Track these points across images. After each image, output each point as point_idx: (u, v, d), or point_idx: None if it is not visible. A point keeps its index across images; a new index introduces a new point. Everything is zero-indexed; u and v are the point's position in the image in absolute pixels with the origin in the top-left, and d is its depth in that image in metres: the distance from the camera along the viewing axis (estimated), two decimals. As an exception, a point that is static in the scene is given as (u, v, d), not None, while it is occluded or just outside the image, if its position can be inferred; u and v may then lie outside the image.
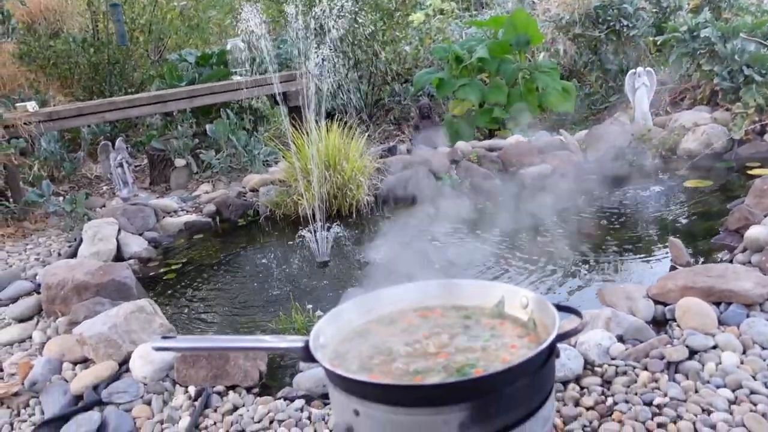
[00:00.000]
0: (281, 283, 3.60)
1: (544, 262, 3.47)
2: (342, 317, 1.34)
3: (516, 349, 1.18)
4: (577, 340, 2.34)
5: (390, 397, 1.05)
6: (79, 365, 2.71)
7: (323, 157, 4.51)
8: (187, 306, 3.45)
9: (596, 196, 4.53)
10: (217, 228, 4.80)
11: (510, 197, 4.79)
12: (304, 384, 2.39)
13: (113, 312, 2.76)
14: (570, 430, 1.96)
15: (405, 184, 5.00)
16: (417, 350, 1.22)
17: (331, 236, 4.01)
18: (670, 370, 2.18)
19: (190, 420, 2.25)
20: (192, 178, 5.97)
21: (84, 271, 3.25)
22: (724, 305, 2.48)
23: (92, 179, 6.51)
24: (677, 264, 3.04)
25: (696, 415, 1.93)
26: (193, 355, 2.48)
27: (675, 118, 5.39)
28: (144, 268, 4.07)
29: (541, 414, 1.12)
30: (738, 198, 3.85)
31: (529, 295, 1.29)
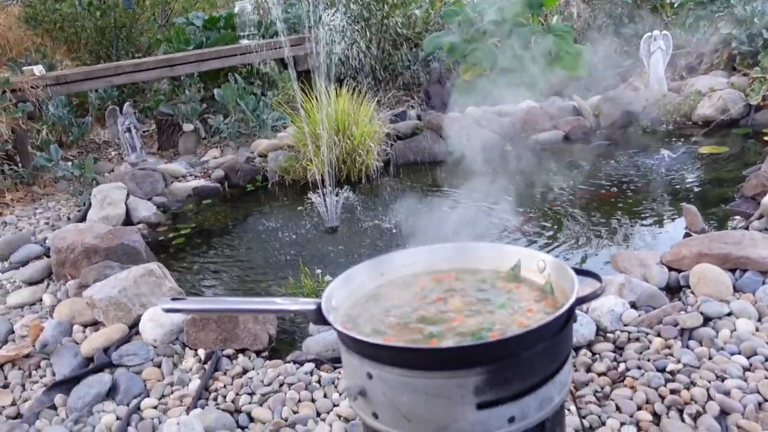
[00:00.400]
0: (290, 248, 3.59)
1: (556, 228, 3.43)
2: (354, 280, 1.31)
3: (533, 313, 1.16)
4: (590, 306, 2.32)
5: (404, 360, 1.02)
6: (89, 328, 2.72)
7: (333, 122, 4.46)
8: (196, 271, 3.45)
9: (609, 162, 4.47)
10: (225, 193, 4.78)
11: (521, 163, 4.74)
12: (314, 348, 2.38)
13: (123, 275, 2.75)
14: (581, 396, 1.94)
15: (415, 150, 4.96)
16: (431, 314, 1.19)
17: (341, 202, 3.98)
18: (684, 337, 2.16)
19: (201, 382, 2.26)
20: (200, 144, 5.93)
21: (93, 234, 3.25)
22: (739, 272, 2.45)
23: (100, 144, 6.48)
24: (692, 231, 2.99)
25: (710, 382, 1.91)
26: (203, 319, 2.48)
27: (690, 83, 5.29)
28: (153, 233, 4.07)
29: (558, 379, 1.10)
30: (754, 164, 3.78)
31: (546, 259, 1.25)
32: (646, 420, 1.82)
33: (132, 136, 5.34)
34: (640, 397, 1.90)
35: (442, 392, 1.03)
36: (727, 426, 1.74)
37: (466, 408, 1.03)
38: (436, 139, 5.02)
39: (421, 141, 5.01)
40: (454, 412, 1.03)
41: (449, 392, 1.02)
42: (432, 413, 1.04)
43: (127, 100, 5.93)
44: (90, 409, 2.21)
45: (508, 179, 4.39)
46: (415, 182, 4.60)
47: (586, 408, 1.89)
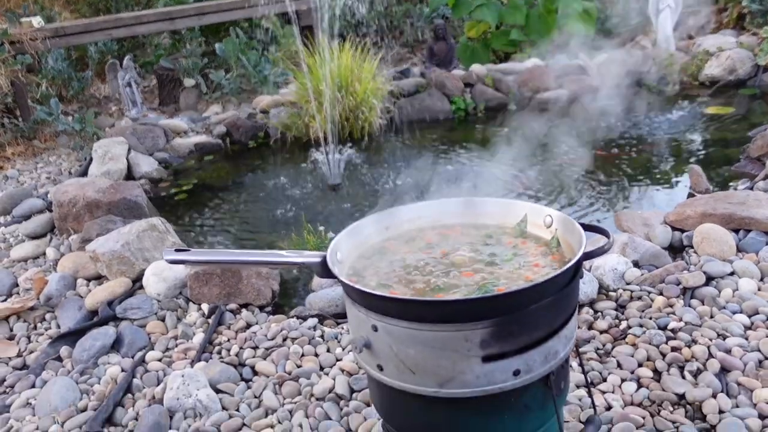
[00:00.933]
0: (293, 205, 3.58)
1: (560, 188, 3.42)
2: (359, 234, 1.31)
3: (539, 268, 1.15)
4: (592, 265, 2.33)
5: (411, 313, 1.02)
6: (92, 281, 2.73)
7: (335, 78, 4.41)
8: (199, 226, 3.45)
9: (614, 122, 4.43)
10: (227, 149, 4.75)
11: (525, 122, 4.70)
12: (317, 304, 2.40)
13: (125, 230, 2.75)
14: (583, 353, 1.96)
15: (418, 108, 4.91)
16: (437, 268, 1.19)
17: (343, 159, 3.96)
18: (686, 296, 2.16)
19: (204, 336, 2.27)
20: (201, 99, 5.87)
21: (95, 189, 3.24)
22: (743, 232, 2.45)
23: (101, 99, 6.42)
24: (696, 191, 2.98)
25: (711, 340, 1.92)
26: (206, 274, 2.48)
27: (699, 43, 5.21)
28: (155, 189, 4.05)
29: (564, 333, 1.10)
30: (760, 125, 3.75)
31: (553, 214, 1.25)
32: (647, 376, 1.83)
33: (132, 91, 5.29)
34: (641, 354, 1.91)
35: (448, 345, 1.03)
36: (727, 383, 1.76)
37: (472, 361, 1.03)
38: (439, 97, 4.97)
39: (424, 99, 4.96)
40: (459, 364, 1.04)
41: (455, 345, 1.03)
42: (437, 366, 1.05)
43: (127, 55, 5.85)
44: (95, 360, 2.23)
45: (511, 138, 4.36)
46: (418, 140, 4.57)
47: (588, 364, 1.91)
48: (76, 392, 2.07)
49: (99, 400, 2.02)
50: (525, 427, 1.14)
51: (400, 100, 4.92)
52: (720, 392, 1.72)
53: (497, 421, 1.11)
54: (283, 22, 6.75)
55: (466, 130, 4.68)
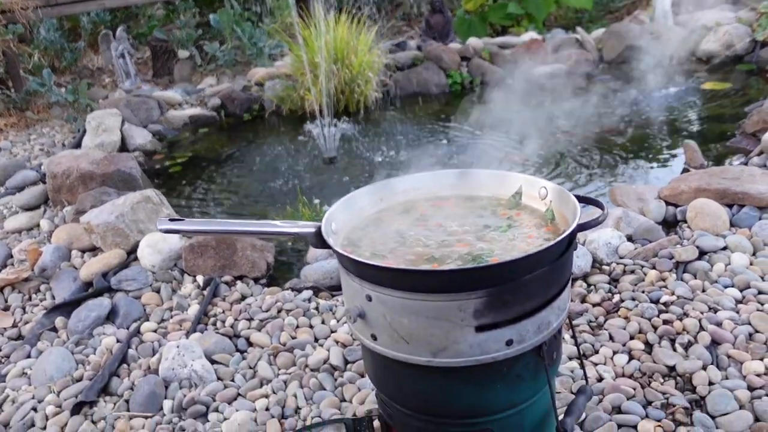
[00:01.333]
0: (287, 178, 3.57)
1: (555, 162, 3.42)
2: (354, 205, 1.31)
3: (533, 239, 1.16)
4: (587, 239, 2.33)
5: (405, 283, 1.03)
6: (87, 253, 2.73)
7: (331, 50, 4.37)
8: (193, 199, 3.44)
9: (611, 96, 4.42)
10: (222, 122, 4.72)
11: (521, 96, 4.67)
12: (312, 276, 2.40)
13: (120, 201, 2.74)
14: (576, 325, 1.98)
15: (414, 81, 4.88)
16: (431, 239, 1.19)
17: (339, 132, 3.94)
18: (679, 270, 2.18)
19: (200, 308, 2.28)
20: (196, 71, 5.82)
21: (89, 160, 3.22)
22: (736, 207, 2.45)
23: (94, 70, 6.36)
24: (691, 166, 2.98)
25: (702, 313, 1.94)
26: (201, 246, 2.48)
27: (697, 18, 5.17)
28: (149, 161, 4.04)
29: (557, 304, 1.11)
30: (756, 101, 3.74)
31: (548, 186, 1.25)
32: (638, 349, 1.85)
33: (126, 63, 5.24)
34: (633, 327, 1.93)
35: (442, 315, 1.03)
36: (717, 355, 1.78)
37: (465, 330, 1.04)
38: (436, 71, 4.94)
39: (420, 72, 4.93)
40: (453, 334, 1.05)
41: (449, 315, 1.03)
42: (431, 335, 1.05)
43: (120, 25, 5.78)
44: (90, 331, 2.24)
45: (507, 112, 4.34)
46: (414, 113, 4.55)
47: (581, 337, 1.92)
48: (72, 362, 2.08)
49: (94, 370, 2.03)
50: (517, 396, 1.15)
51: (396, 73, 4.89)
52: (710, 364, 1.74)
53: (490, 391, 1.12)
54: (278, -7, 6.67)
55: (463, 104, 4.66)
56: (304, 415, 1.76)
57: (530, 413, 1.19)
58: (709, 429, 1.54)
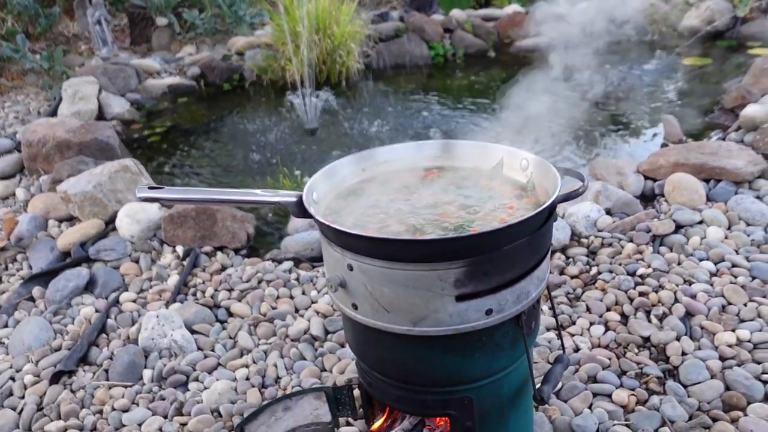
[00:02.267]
0: (268, 149, 3.54)
1: (535, 136, 3.42)
2: (336, 174, 1.30)
3: (514, 210, 1.16)
4: (566, 212, 2.35)
5: (386, 252, 1.03)
6: (64, 223, 2.70)
7: (313, 20, 4.31)
8: (172, 169, 3.41)
9: (593, 71, 4.41)
10: (201, 91, 4.66)
11: (503, 69, 4.67)
12: (293, 247, 2.40)
13: (97, 171, 2.71)
14: (554, 296, 2.00)
15: (396, 52, 4.84)
16: (413, 208, 1.19)
17: (320, 103, 3.91)
18: (655, 243, 2.21)
19: (179, 278, 2.27)
20: (175, 39, 5.71)
21: (65, 129, 3.17)
22: (713, 182, 2.49)
23: (69, 37, 6.22)
24: (670, 141, 3.01)
25: (677, 285, 1.97)
26: (181, 216, 2.47)
27: (680, -8, 5.17)
28: (127, 130, 3.98)
29: (536, 274, 1.12)
30: (736, 77, 3.77)
31: (529, 157, 1.25)
32: (615, 320, 1.88)
33: (103, 29, 5.13)
34: (610, 299, 1.96)
35: (423, 284, 1.04)
36: (690, 326, 1.81)
37: (446, 300, 1.05)
38: (418, 42, 4.90)
39: (403, 43, 4.89)
40: (433, 303, 1.05)
41: (429, 284, 1.04)
42: (411, 304, 1.06)
43: (96, -9, 5.64)
44: (68, 301, 2.23)
45: (488, 85, 4.34)
46: (396, 85, 4.52)
47: (558, 308, 1.95)
48: (50, 332, 2.07)
49: (73, 339, 2.03)
50: (496, 365, 1.17)
51: (379, 44, 4.84)
52: (684, 335, 1.78)
53: (469, 359, 1.14)
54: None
55: (445, 76, 4.64)
56: (284, 384, 1.77)
57: (508, 382, 1.21)
58: (681, 398, 1.58)
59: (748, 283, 1.95)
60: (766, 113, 2.83)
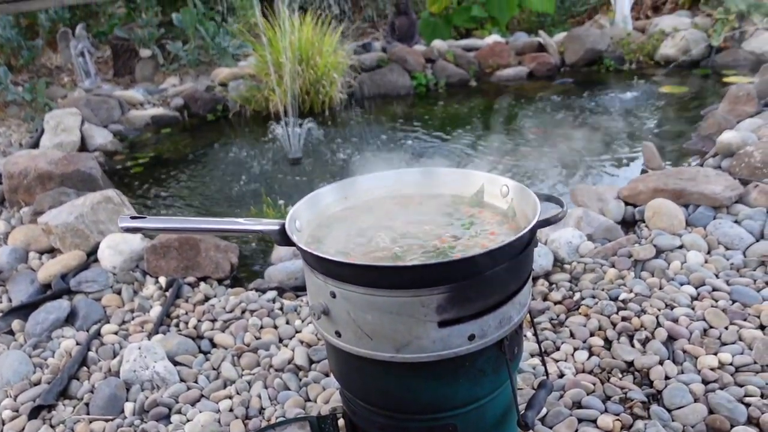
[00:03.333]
0: (252, 179, 3.55)
1: (517, 163, 3.46)
2: (318, 203, 1.31)
3: (495, 236, 1.17)
4: (548, 238, 2.37)
5: (369, 279, 1.03)
6: (45, 255, 2.67)
7: (296, 51, 4.35)
8: (155, 200, 3.40)
9: (572, 99, 4.50)
10: (185, 122, 4.67)
11: (484, 99, 4.73)
12: (276, 276, 2.39)
13: (79, 202, 2.69)
14: (538, 322, 2.01)
15: (379, 82, 4.90)
16: (395, 235, 1.20)
17: (303, 133, 3.93)
18: (637, 268, 2.23)
19: (162, 309, 2.25)
20: (158, 71, 5.74)
21: (47, 160, 3.15)
22: (692, 207, 2.52)
23: (52, 69, 6.23)
24: (649, 167, 3.05)
25: (659, 310, 1.99)
26: (164, 246, 2.45)
27: (655, 23, 5.30)
28: (110, 161, 3.97)
29: (518, 299, 1.13)
30: (712, 105, 3.85)
31: (509, 183, 1.27)
32: (598, 345, 1.89)
33: (86, 61, 5.14)
34: (593, 324, 1.97)
35: (405, 310, 1.04)
36: (673, 350, 1.82)
37: (428, 326, 1.05)
38: (400, 72, 4.96)
39: (385, 74, 4.94)
40: (416, 329, 1.05)
41: (412, 310, 1.04)
42: (394, 331, 1.06)
43: (79, 23, 5.67)
44: (49, 334, 2.20)
45: (470, 114, 4.39)
46: (379, 114, 4.56)
47: (542, 334, 1.95)
48: (29, 366, 2.04)
49: (53, 373, 1.99)
50: (479, 391, 1.17)
51: (362, 74, 4.89)
52: (666, 359, 1.79)
53: (453, 386, 1.14)
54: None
55: (427, 106, 4.69)
56: (268, 415, 1.75)
57: (492, 408, 1.21)
58: (666, 422, 1.58)
59: (729, 306, 1.98)
60: (741, 139, 2.88)
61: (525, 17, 6.43)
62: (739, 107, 3.47)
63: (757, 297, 2.01)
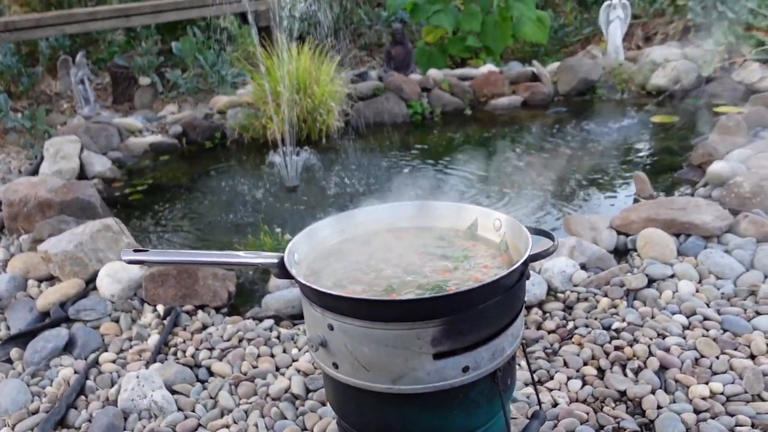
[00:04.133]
0: (249, 206, 3.58)
1: (512, 192, 3.51)
2: (316, 236, 1.35)
3: (488, 269, 1.21)
4: (542, 267, 2.41)
5: (365, 312, 1.07)
6: (44, 282, 2.69)
7: (293, 80, 4.42)
8: (154, 227, 3.43)
9: (565, 128, 4.56)
10: (183, 150, 4.71)
11: (479, 127, 4.80)
12: (273, 305, 2.42)
13: (79, 230, 2.72)
14: (532, 352, 2.03)
15: (376, 111, 4.96)
16: (391, 268, 1.24)
17: (301, 161, 3.98)
18: (629, 297, 2.26)
19: (160, 337, 2.27)
20: (157, 98, 5.80)
21: (47, 188, 3.18)
22: (683, 237, 2.56)
23: (52, 96, 6.28)
24: (641, 197, 3.10)
25: (651, 339, 2.01)
26: (162, 275, 2.48)
27: (646, 53, 5.39)
28: (108, 189, 4.00)
29: (510, 332, 1.16)
30: (702, 134, 3.91)
31: (502, 218, 1.31)
32: (591, 374, 1.92)
33: (85, 88, 5.20)
34: (587, 353, 1.99)
35: (401, 343, 1.07)
36: (665, 380, 1.85)
37: (423, 358, 1.08)
38: (396, 101, 5.03)
39: (382, 102, 5.01)
40: (411, 361, 1.08)
41: (408, 343, 1.07)
42: (390, 363, 1.09)
43: (79, 51, 5.74)
44: (47, 363, 2.21)
45: (466, 142, 4.45)
46: (375, 142, 4.62)
47: (536, 363, 1.98)
48: (27, 394, 2.05)
49: (51, 402, 2.00)
50: (473, 421, 1.19)
51: (358, 103, 4.96)
52: (659, 389, 1.81)
53: (447, 416, 1.16)
54: (241, 22, 6.72)
55: (423, 134, 4.75)
56: (265, 444, 1.77)
57: (486, 438, 1.24)
58: (658, 451, 1.60)
59: (720, 335, 2.01)
60: (731, 170, 2.94)
61: (519, 47, 6.54)
62: (729, 137, 3.53)
63: (748, 326, 2.04)
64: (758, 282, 2.26)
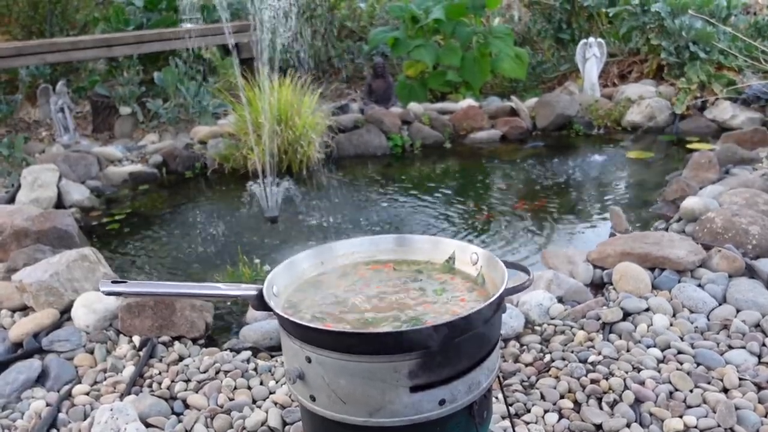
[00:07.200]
0: (229, 237, 3.58)
1: (490, 226, 3.55)
2: (295, 268, 1.35)
3: (465, 303, 1.23)
4: (519, 300, 2.43)
5: (343, 345, 1.07)
6: (18, 313, 2.65)
7: (275, 111, 4.45)
8: (131, 258, 3.40)
9: (543, 163, 4.64)
10: (163, 179, 4.71)
11: (459, 160, 4.86)
12: (251, 336, 2.40)
13: (55, 259, 2.70)
14: (509, 384, 2.04)
15: (356, 143, 5.00)
16: (369, 301, 1.25)
17: (281, 192, 3.99)
18: (605, 331, 2.29)
19: (135, 369, 2.24)
20: (137, 128, 5.80)
21: (23, 217, 3.16)
22: (658, 271, 2.60)
23: (31, 124, 6.25)
24: (617, 231, 3.15)
25: (627, 372, 2.03)
26: (138, 305, 2.46)
27: (622, 90, 5.53)
28: (86, 218, 3.98)
29: (486, 365, 1.17)
30: (676, 170, 4.00)
31: (478, 252, 1.33)
32: (568, 408, 1.93)
33: (65, 117, 5.19)
34: (563, 386, 2.01)
35: (378, 376, 1.08)
36: (640, 413, 1.86)
37: (400, 391, 1.09)
38: (377, 133, 5.08)
39: (362, 134, 5.06)
40: (388, 394, 1.09)
41: (384, 376, 1.08)
42: (367, 396, 1.10)
43: (60, 79, 5.74)
44: (18, 395, 2.17)
45: (445, 175, 4.50)
46: (356, 174, 4.65)
47: (513, 396, 1.99)
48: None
49: (22, 435, 1.97)
50: (450, 455, 1.20)
51: (339, 135, 5.00)
52: (634, 422, 1.83)
53: (424, 450, 1.17)
54: (223, 54, 6.78)
55: (403, 167, 4.80)
56: (240, 478, 1.74)
57: (463, 472, 1.24)
58: (634, 485, 1.61)
59: (693, 369, 2.03)
60: (704, 205, 3.00)
61: (498, 82, 6.65)
62: (702, 173, 3.62)
63: (721, 360, 2.07)
64: (730, 316, 2.30)
